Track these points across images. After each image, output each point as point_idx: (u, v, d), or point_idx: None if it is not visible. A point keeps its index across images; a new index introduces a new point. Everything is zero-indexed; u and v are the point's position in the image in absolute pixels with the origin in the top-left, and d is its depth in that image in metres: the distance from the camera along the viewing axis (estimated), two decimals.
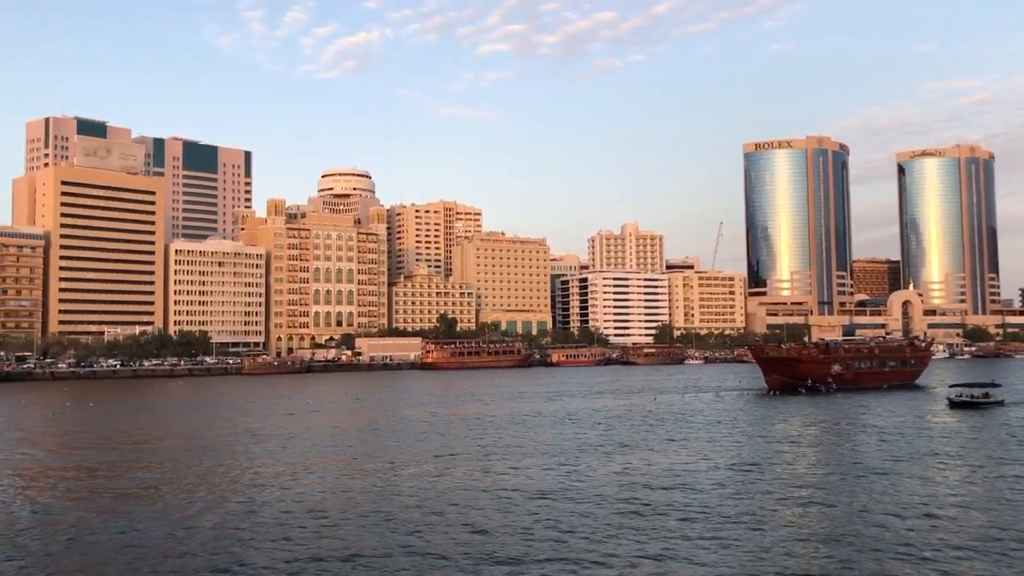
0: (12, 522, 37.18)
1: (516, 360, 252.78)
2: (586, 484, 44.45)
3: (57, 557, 31.19)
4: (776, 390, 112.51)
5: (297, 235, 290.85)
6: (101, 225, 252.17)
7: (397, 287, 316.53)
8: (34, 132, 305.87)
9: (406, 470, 50.04)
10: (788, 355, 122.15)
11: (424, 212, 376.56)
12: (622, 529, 34.09)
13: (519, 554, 30.59)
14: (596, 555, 30.37)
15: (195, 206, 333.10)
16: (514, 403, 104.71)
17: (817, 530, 33.82)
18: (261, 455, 57.85)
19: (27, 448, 64.88)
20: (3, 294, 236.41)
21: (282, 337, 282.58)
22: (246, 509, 39.04)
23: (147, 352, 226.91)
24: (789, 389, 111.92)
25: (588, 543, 32.04)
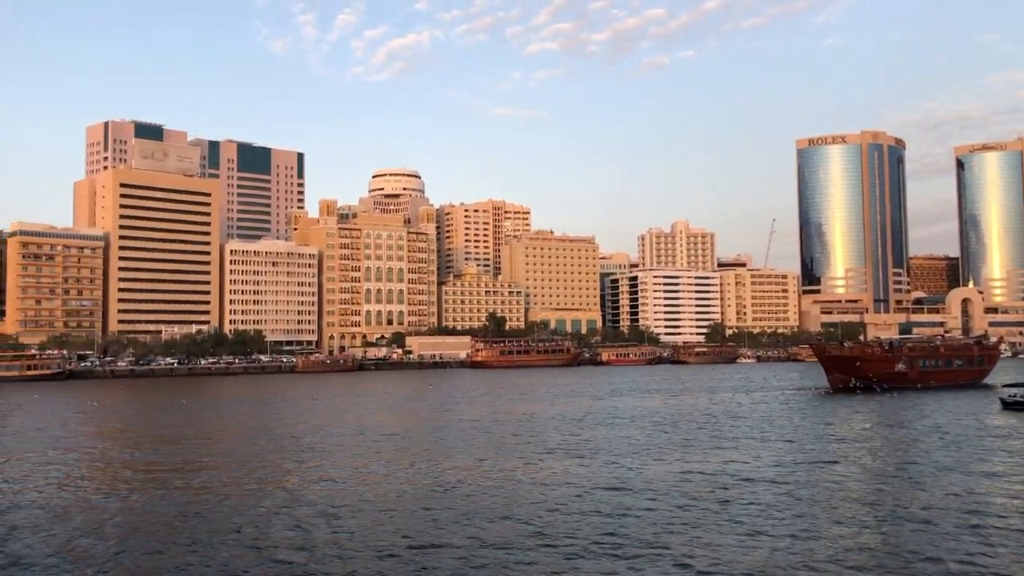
0: (92, 515, 38.07)
1: (565, 359, 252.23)
2: (638, 483, 44.06)
3: (130, 553, 31.83)
4: (838, 389, 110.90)
5: (348, 235, 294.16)
6: (158, 226, 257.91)
7: (447, 286, 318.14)
8: (94, 136, 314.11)
9: (459, 467, 50.13)
10: (851, 354, 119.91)
11: (473, 211, 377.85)
12: (674, 528, 33.70)
13: (575, 551, 30.41)
14: (649, 551, 30.06)
15: (249, 207, 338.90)
16: (564, 402, 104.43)
17: (867, 532, 33.05)
18: (321, 452, 58.47)
19: (99, 443, 66.52)
20: (65, 294, 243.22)
21: (334, 336, 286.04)
22: (306, 505, 39.45)
23: (203, 350, 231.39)
24: (851, 388, 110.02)
25: (640, 541, 31.73)
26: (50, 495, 43.21)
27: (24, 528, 35.46)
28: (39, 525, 35.99)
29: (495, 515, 36.62)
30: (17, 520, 37.03)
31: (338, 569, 28.98)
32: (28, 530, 35.11)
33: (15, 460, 56.57)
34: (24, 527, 35.66)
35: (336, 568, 29.09)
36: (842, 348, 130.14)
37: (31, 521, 36.81)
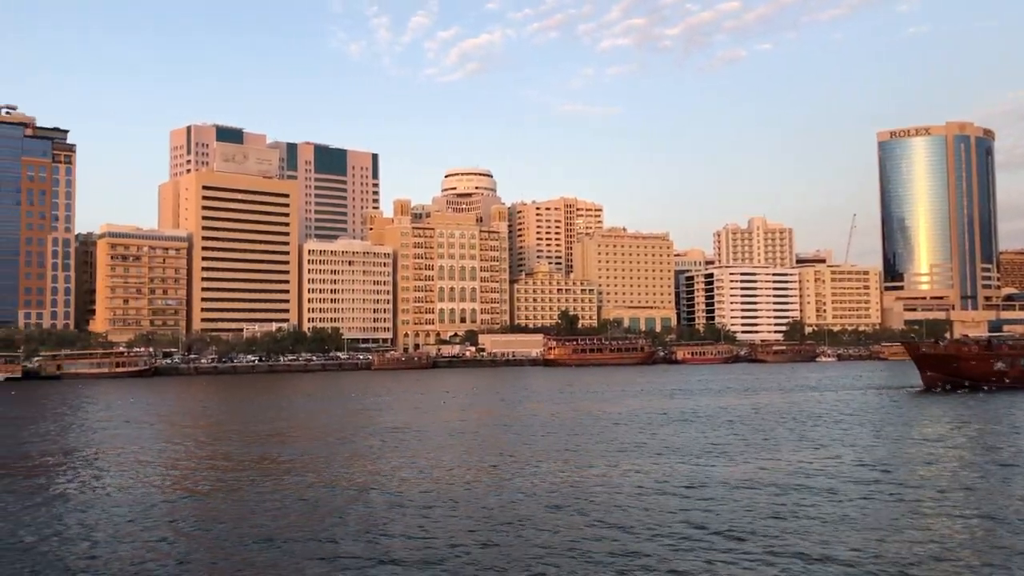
0: (172, 510, 39.14)
1: (640, 357, 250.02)
2: (715, 482, 43.18)
3: (212, 546, 32.53)
4: (932, 388, 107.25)
5: (422, 234, 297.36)
6: (239, 227, 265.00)
7: (519, 284, 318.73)
8: (177, 140, 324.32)
9: (533, 464, 49.94)
10: (946, 352, 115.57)
11: (545, 209, 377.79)
12: (752, 529, 32.85)
13: (649, 550, 29.90)
14: (725, 554, 29.35)
15: (326, 207, 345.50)
16: (638, 400, 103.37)
17: (960, 536, 31.63)
18: (399, 448, 59.03)
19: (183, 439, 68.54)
20: (151, 293, 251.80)
21: (409, 333, 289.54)
22: (384, 499, 39.79)
23: (283, 348, 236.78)
24: (946, 388, 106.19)
25: (715, 542, 31.02)
26: (147, 488, 44.57)
27: (121, 520, 36.57)
28: (138, 517, 37.08)
29: (567, 512, 36.30)
30: (113, 512, 38.23)
31: (416, 561, 29.06)
32: (125, 522, 36.19)
33: (110, 453, 58.56)
34: (120, 519, 36.78)
35: (414, 560, 29.18)
36: (937, 346, 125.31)
37: (126, 514, 37.95)
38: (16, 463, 54.15)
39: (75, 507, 39.19)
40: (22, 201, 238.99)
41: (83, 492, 43.25)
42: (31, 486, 45.30)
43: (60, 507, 39.27)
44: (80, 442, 65.82)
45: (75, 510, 38.47)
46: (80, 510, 38.42)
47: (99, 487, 44.72)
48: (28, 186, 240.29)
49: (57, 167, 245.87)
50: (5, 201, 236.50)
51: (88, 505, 39.63)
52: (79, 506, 39.42)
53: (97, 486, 45.08)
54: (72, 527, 35.02)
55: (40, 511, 38.31)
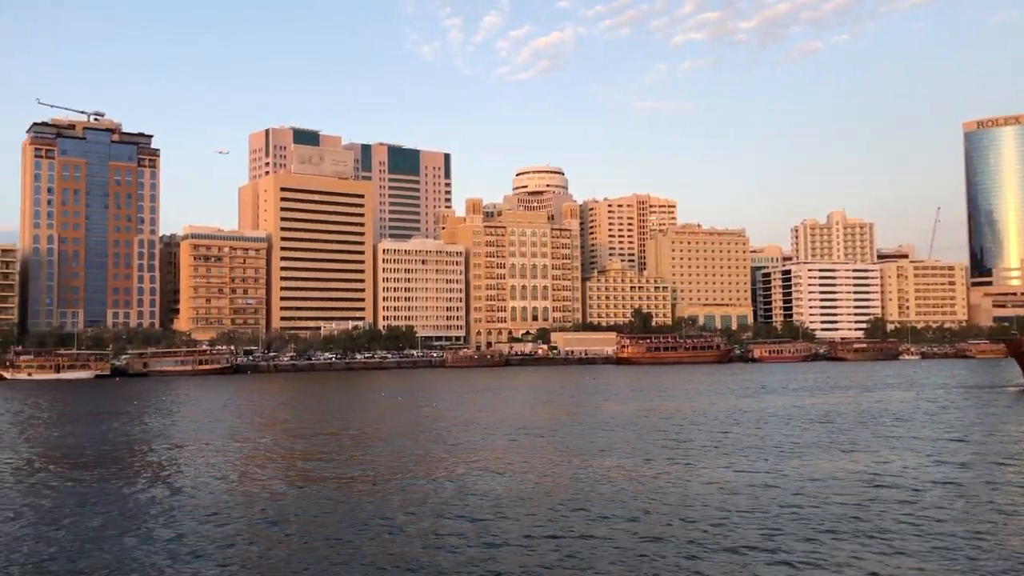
0: (257, 503, 39.99)
1: (715, 355, 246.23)
2: (790, 483, 42.07)
3: (293, 541, 33.08)
4: None
5: (494, 233, 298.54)
6: (316, 227, 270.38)
7: (591, 282, 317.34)
8: (256, 143, 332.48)
9: (607, 463, 49.51)
10: None
11: (617, 206, 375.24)
12: (836, 531, 31.85)
13: (725, 551, 29.27)
14: (805, 557, 28.51)
15: (399, 207, 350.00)
16: (714, 399, 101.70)
17: None
18: (474, 445, 59.26)
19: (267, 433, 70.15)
20: (232, 293, 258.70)
21: (481, 331, 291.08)
22: (458, 495, 39.93)
23: (359, 346, 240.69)
24: None
25: (794, 545, 30.16)
26: (230, 481, 45.70)
27: (209, 513, 37.52)
28: (226, 510, 38.00)
29: (642, 511, 35.83)
30: (202, 505, 39.27)
31: (490, 559, 29.03)
32: (212, 515, 37.12)
33: (198, 448, 60.26)
34: (208, 512, 37.73)
35: (489, 557, 29.16)
36: None
37: (215, 507, 38.93)
38: (110, 457, 56.14)
39: (167, 499, 40.36)
40: (110, 205, 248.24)
41: (174, 485, 44.53)
42: (125, 479, 46.87)
43: (151, 499, 40.49)
44: (169, 437, 67.88)
45: (167, 503, 39.62)
46: (171, 502, 39.55)
47: (189, 480, 45.99)
48: (115, 190, 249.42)
49: (142, 171, 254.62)
50: (94, 205, 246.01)
51: (179, 498, 40.77)
52: (171, 499, 40.59)
53: (187, 479, 46.37)
54: (164, 518, 36.06)
55: (133, 503, 39.57)
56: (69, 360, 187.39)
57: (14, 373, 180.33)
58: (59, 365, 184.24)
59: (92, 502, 40.01)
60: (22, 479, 47.68)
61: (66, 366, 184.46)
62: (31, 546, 31.86)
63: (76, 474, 48.76)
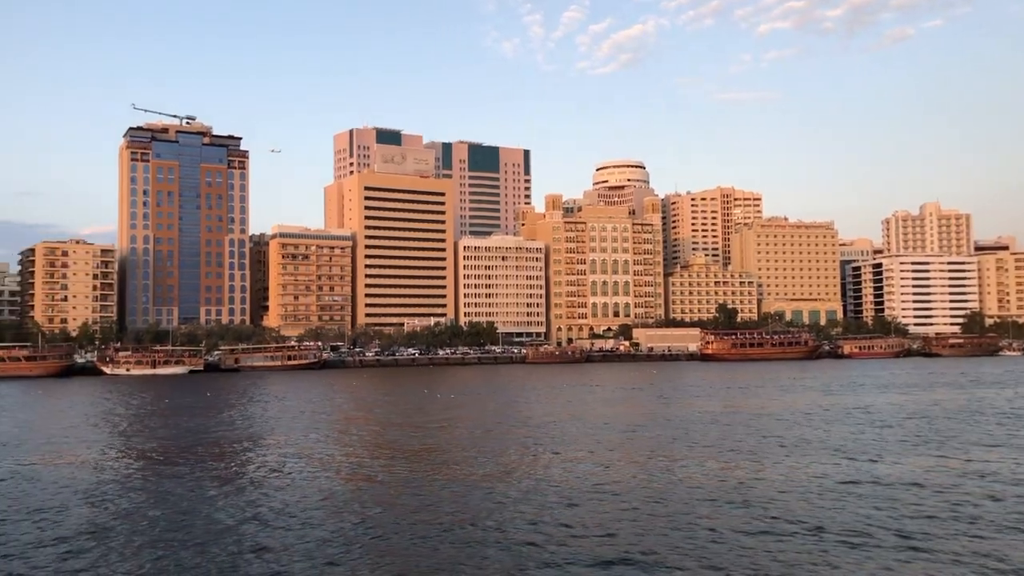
0: (350, 496, 40.57)
1: (803, 351, 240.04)
2: (883, 482, 40.46)
3: (381, 533, 33.36)
4: None
5: (574, 228, 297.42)
6: (399, 225, 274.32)
7: (673, 277, 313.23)
8: (341, 144, 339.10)
9: (693, 460, 48.58)
10: None
11: (700, 200, 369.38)
12: (922, 531, 30.43)
13: (814, 551, 28.25)
14: (897, 554, 27.31)
15: (480, 204, 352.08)
16: (802, 396, 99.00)
17: None
18: (558, 441, 58.99)
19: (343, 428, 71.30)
20: (319, 290, 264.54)
21: (562, 327, 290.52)
22: (542, 491, 39.71)
23: (441, 341, 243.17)
24: None
25: (890, 538, 28.91)
26: (331, 472, 46.54)
27: (303, 505, 38.22)
28: (319, 503, 38.67)
29: (728, 508, 34.95)
30: (296, 498, 40.04)
31: (585, 555, 28.71)
32: (307, 507, 37.80)
33: (289, 441, 61.59)
34: (302, 504, 38.44)
35: (581, 553, 28.83)
36: None
37: (309, 499, 39.64)
38: (210, 449, 57.84)
39: (262, 491, 41.30)
40: (202, 205, 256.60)
41: (268, 478, 45.58)
42: (222, 470, 48.20)
43: (249, 491, 41.47)
44: (262, 430, 69.64)
45: (262, 494, 40.54)
46: (267, 494, 40.45)
47: (282, 473, 46.98)
48: (207, 191, 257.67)
49: (232, 172, 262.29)
50: (187, 206, 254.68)
51: (273, 490, 41.66)
52: (266, 490, 41.53)
53: (280, 472, 47.38)
54: (262, 510, 36.90)
55: (232, 494, 40.60)
56: (165, 356, 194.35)
57: (114, 368, 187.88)
58: (155, 361, 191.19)
59: (191, 493, 41.17)
60: (134, 470, 49.47)
61: (162, 362, 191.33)
62: (147, 534, 32.91)
63: (177, 465, 50.35)
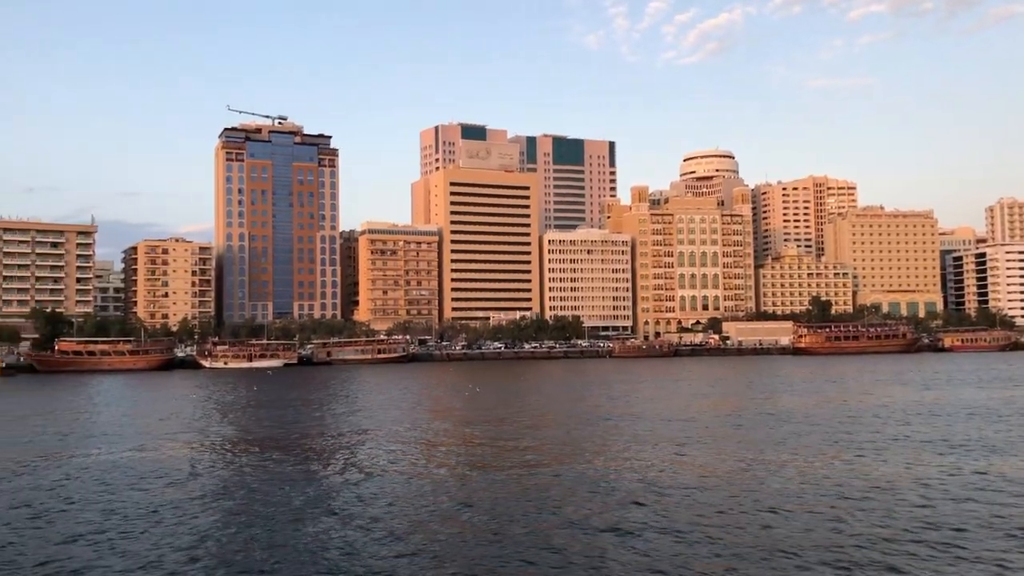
0: (442, 489, 40.73)
1: (901, 345, 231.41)
2: (989, 482, 38.27)
3: (471, 527, 33.31)
4: None
5: (661, 220, 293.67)
6: (484, 220, 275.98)
7: (764, 269, 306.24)
8: (426, 140, 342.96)
9: (785, 457, 47.06)
10: None
11: (792, 189, 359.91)
12: None
13: (915, 552, 26.80)
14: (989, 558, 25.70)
15: (564, 197, 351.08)
16: (902, 391, 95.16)
17: None
18: (646, 436, 58.17)
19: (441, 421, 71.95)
20: (407, 285, 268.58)
21: (649, 321, 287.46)
22: (628, 487, 39.06)
23: (526, 335, 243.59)
24: None
25: (981, 545, 27.20)
26: (418, 464, 46.92)
27: (394, 498, 38.54)
28: (412, 495, 38.94)
29: (822, 508, 33.60)
30: (387, 490, 40.45)
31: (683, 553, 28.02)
32: (397, 500, 38.09)
33: (384, 432, 62.44)
34: (392, 497, 38.77)
35: (678, 551, 28.15)
36: None
37: (399, 491, 39.96)
38: (304, 440, 59.09)
39: (357, 481, 41.86)
40: (294, 203, 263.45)
41: (363, 468, 46.19)
42: (319, 461, 49.11)
43: (344, 481, 42.09)
44: (356, 422, 70.78)
45: (357, 484, 41.08)
46: (361, 484, 40.95)
47: (379, 463, 47.54)
48: (299, 189, 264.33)
49: (323, 170, 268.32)
50: (280, 204, 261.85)
51: (367, 479, 42.17)
52: (361, 481, 42.09)
53: (377, 462, 47.96)
54: (357, 499, 37.37)
55: (327, 484, 41.27)
56: (260, 350, 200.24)
57: (212, 362, 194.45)
58: (251, 354, 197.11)
59: (291, 482, 42.03)
60: (232, 460, 50.89)
61: (258, 355, 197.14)
62: (240, 522, 33.68)
63: (275, 455, 51.56)
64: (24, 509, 37.00)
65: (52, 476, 45.54)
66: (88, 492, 40.55)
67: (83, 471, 46.92)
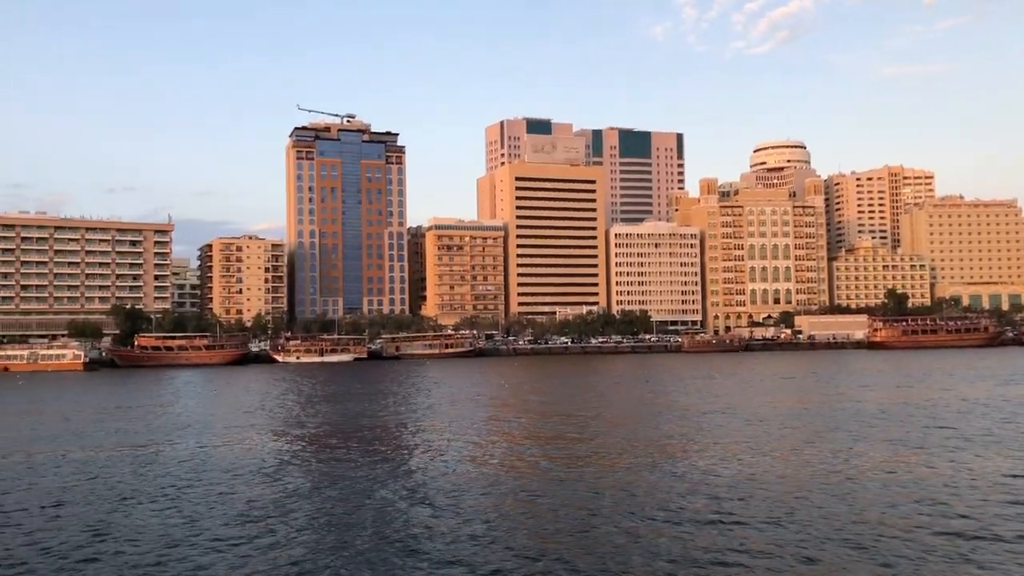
0: (495, 482, 40.72)
1: (983, 339, 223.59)
2: None
3: (537, 523, 33.14)
4: None
5: (730, 212, 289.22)
6: (550, 215, 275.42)
7: (838, 261, 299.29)
8: (492, 135, 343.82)
9: (864, 454, 45.72)
10: None
11: (866, 179, 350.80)
12: None
13: None
14: None
15: (631, 191, 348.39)
16: (983, 386, 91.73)
17: None
18: (718, 431, 57.29)
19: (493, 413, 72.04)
20: (473, 280, 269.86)
21: (719, 315, 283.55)
22: (697, 483, 38.42)
23: (593, 330, 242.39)
24: None
25: None
26: (488, 457, 47.04)
27: (457, 492, 38.64)
28: (474, 488, 39.03)
29: (904, 507, 32.48)
30: (451, 484, 40.60)
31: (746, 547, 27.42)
32: (459, 494, 38.18)
33: (455, 425, 62.77)
34: (454, 491, 38.88)
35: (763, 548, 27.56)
36: None
37: (461, 485, 40.08)
38: (374, 433, 59.76)
39: (428, 475, 42.12)
40: (362, 200, 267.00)
41: (434, 461, 46.46)
42: (389, 454, 49.60)
43: (415, 474, 42.39)
44: (426, 416, 71.37)
45: (428, 477, 41.33)
46: (432, 478, 41.20)
47: (447, 457, 47.76)
48: (367, 186, 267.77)
49: (390, 168, 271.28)
50: (349, 201, 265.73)
51: (439, 474, 42.38)
52: (432, 474, 42.32)
53: (445, 456, 48.18)
54: (427, 492, 37.57)
55: (398, 476, 41.60)
56: (331, 344, 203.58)
57: (285, 356, 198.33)
58: (323, 349, 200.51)
59: (377, 473, 42.48)
60: (316, 451, 51.75)
61: (329, 350, 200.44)
62: (334, 513, 34.15)
63: (357, 447, 52.24)
64: (125, 499, 38.08)
65: (150, 467, 46.85)
66: (183, 482, 41.56)
67: (177, 462, 48.16)
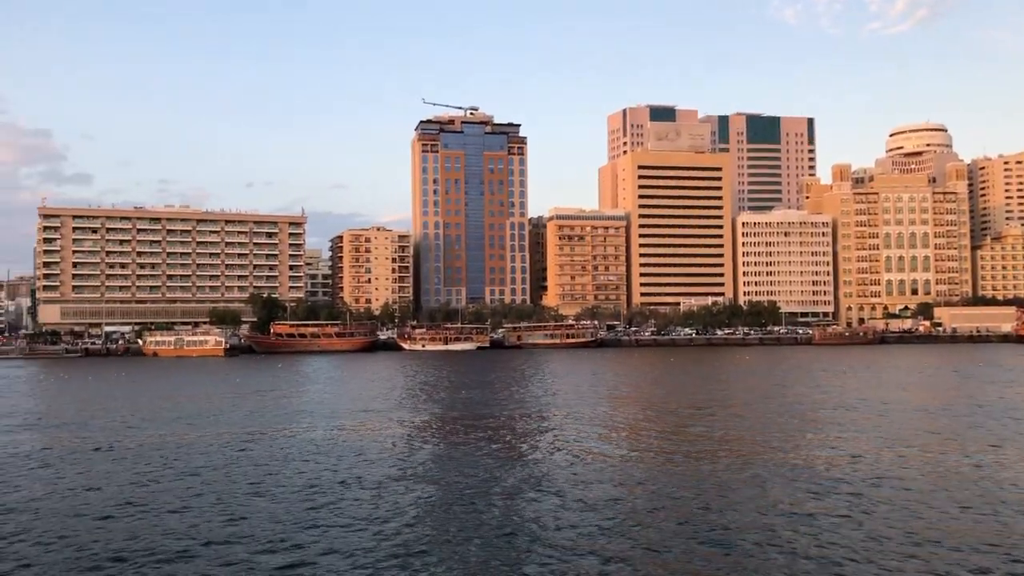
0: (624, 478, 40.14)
1: None
2: None
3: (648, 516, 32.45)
4: None
5: (864, 200, 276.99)
6: (673, 203, 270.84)
7: (983, 250, 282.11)
8: (614, 124, 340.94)
9: (1006, 453, 42.65)
10: None
11: (1015, 163, 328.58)
12: None
13: None
14: None
15: (759, 178, 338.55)
16: None
17: None
18: (855, 427, 54.86)
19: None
20: (594, 270, 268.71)
21: (852, 307, 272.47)
22: (816, 479, 36.69)
23: (719, 321, 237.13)
24: None
25: None
26: (627, 452, 46.59)
27: (573, 485, 38.35)
28: (593, 481, 38.64)
29: None
30: (565, 475, 40.31)
31: None
32: (577, 487, 37.87)
33: (579, 415, 62.59)
34: (572, 483, 38.57)
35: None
36: None
37: (580, 478, 39.73)
38: (498, 421, 60.21)
39: (566, 465, 41.98)
40: (485, 192, 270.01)
41: (569, 452, 46.31)
42: (513, 442, 49.79)
43: (539, 464, 42.34)
44: (549, 405, 71.37)
45: (566, 468, 41.19)
46: (558, 467, 41.05)
47: (582, 448, 47.56)
48: (489, 177, 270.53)
49: (512, 159, 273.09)
50: (472, 193, 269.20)
51: (564, 464, 42.19)
52: (570, 464, 42.18)
53: (580, 447, 48.00)
54: (553, 483, 37.40)
55: (522, 465, 41.65)
56: (455, 333, 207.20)
57: (411, 344, 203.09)
58: (447, 338, 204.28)
59: (504, 461, 42.72)
60: (443, 437, 52.62)
61: (453, 338, 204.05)
62: (461, 498, 34.52)
63: (483, 434, 52.79)
64: (263, 478, 39.60)
65: (285, 447, 48.65)
66: (320, 465, 42.86)
67: (313, 444, 49.79)
